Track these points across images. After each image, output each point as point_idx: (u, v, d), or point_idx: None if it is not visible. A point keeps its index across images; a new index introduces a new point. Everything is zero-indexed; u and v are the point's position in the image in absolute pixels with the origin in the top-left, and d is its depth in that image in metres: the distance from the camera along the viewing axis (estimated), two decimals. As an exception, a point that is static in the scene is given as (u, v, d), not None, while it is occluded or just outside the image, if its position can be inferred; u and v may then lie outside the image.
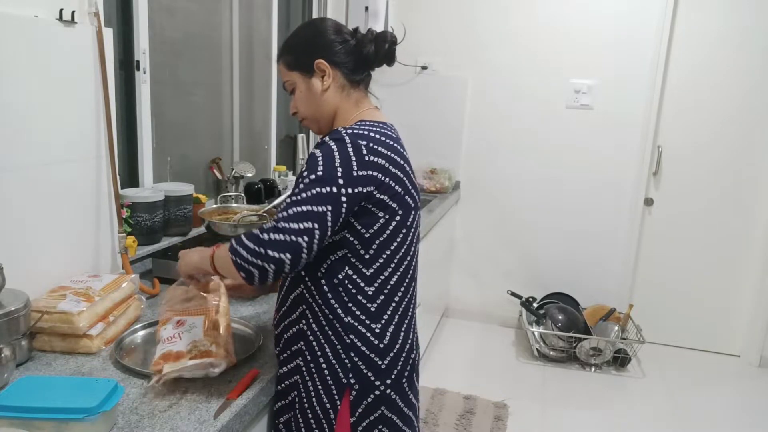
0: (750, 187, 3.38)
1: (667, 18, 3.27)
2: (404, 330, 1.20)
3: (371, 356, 1.14)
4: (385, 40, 1.21)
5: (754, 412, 2.95)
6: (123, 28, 1.86)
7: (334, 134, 1.12)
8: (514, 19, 3.50)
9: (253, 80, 2.77)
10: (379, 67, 1.25)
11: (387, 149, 1.12)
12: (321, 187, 1.04)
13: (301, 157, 3.07)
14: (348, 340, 1.13)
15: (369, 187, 1.09)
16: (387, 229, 1.14)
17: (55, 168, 1.41)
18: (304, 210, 1.02)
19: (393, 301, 1.18)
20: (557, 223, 3.65)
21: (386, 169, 1.11)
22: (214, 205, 2.05)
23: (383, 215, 1.12)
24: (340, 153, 1.07)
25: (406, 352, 1.21)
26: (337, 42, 1.19)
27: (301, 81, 1.21)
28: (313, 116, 1.23)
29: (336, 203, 1.05)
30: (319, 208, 1.03)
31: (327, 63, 1.18)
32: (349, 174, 1.06)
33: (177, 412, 1.02)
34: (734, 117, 3.33)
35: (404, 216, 1.16)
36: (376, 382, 1.15)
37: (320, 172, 1.05)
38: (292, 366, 1.18)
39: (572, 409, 2.87)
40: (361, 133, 1.11)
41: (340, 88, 1.20)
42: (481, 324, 3.85)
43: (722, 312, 3.55)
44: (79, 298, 1.27)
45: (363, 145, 1.09)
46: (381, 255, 1.14)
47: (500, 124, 3.64)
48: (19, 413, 0.91)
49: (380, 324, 1.16)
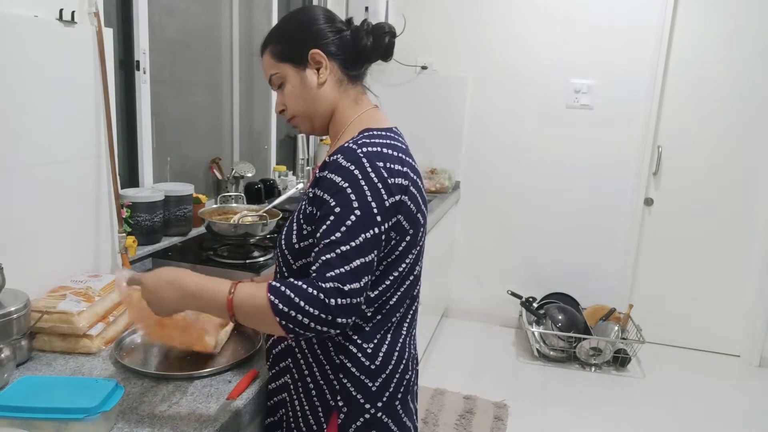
0: (750, 187, 3.38)
1: (667, 18, 3.27)
2: (399, 349, 1.10)
3: (361, 378, 1.05)
4: (383, 33, 1.10)
5: (754, 412, 2.95)
6: (123, 28, 1.86)
7: (349, 155, 0.98)
8: (514, 19, 3.50)
9: (253, 80, 2.77)
10: (375, 61, 1.15)
11: (403, 166, 1.03)
12: (365, 232, 0.94)
13: (301, 157, 3.06)
14: (338, 360, 1.04)
15: (398, 215, 1.01)
16: (396, 251, 1.04)
17: (55, 168, 1.41)
18: (359, 264, 0.92)
19: (390, 321, 1.08)
20: (557, 223, 3.65)
21: (407, 189, 1.02)
22: (214, 205, 2.05)
23: (395, 236, 1.02)
24: (366, 181, 0.96)
25: (400, 372, 1.10)
26: (331, 32, 1.09)
27: (293, 74, 1.09)
28: (305, 114, 1.12)
29: (379, 245, 0.97)
30: (369, 257, 0.94)
31: (323, 53, 1.07)
32: (382, 206, 0.97)
33: (177, 412, 1.02)
34: (734, 117, 3.33)
35: (414, 235, 1.06)
36: (366, 405, 1.05)
37: (358, 212, 0.94)
38: (281, 383, 1.12)
39: (572, 409, 2.87)
40: (376, 151, 1.00)
41: (337, 82, 1.10)
42: (481, 324, 3.85)
43: (722, 312, 3.54)
44: (79, 298, 1.27)
45: (382, 168, 0.98)
46: (387, 277, 1.05)
47: (500, 124, 3.64)
48: (19, 413, 0.90)
49: (372, 344, 1.06)
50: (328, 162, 0.99)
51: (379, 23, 1.13)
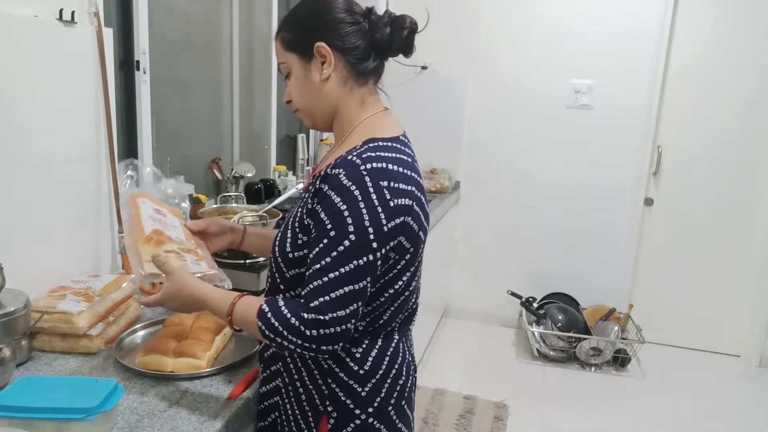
0: (750, 187, 3.38)
1: (667, 17, 3.27)
2: (390, 354, 1.06)
3: (350, 382, 1.02)
4: (404, 26, 1.04)
5: (754, 412, 2.95)
6: (123, 28, 1.86)
7: (351, 171, 0.93)
8: (514, 19, 3.50)
9: (253, 80, 2.77)
10: (393, 56, 1.08)
11: (408, 184, 0.97)
12: (357, 259, 0.92)
13: (301, 157, 3.06)
14: (326, 365, 1.03)
15: (399, 237, 0.97)
16: (394, 269, 1.00)
17: (55, 168, 1.41)
18: (346, 291, 0.91)
19: (384, 329, 1.06)
20: (557, 223, 3.65)
21: (410, 210, 0.97)
22: (214, 205, 2.05)
23: (394, 255, 0.98)
24: (366, 203, 0.92)
25: (392, 377, 1.06)
26: (347, 23, 1.01)
27: (297, 65, 1.04)
28: (307, 109, 1.07)
29: (373, 271, 0.94)
30: (360, 284, 0.92)
31: (329, 47, 1.01)
32: (380, 231, 0.93)
33: (177, 412, 1.02)
34: (734, 117, 3.32)
35: (414, 252, 1.02)
36: (356, 410, 1.03)
37: (352, 237, 0.91)
38: (272, 386, 1.11)
39: (572, 409, 2.87)
40: (381, 168, 0.94)
41: (342, 80, 1.03)
42: (481, 324, 3.85)
43: (722, 312, 3.54)
44: (79, 298, 1.27)
45: (386, 189, 0.93)
46: (383, 294, 1.01)
47: (500, 124, 3.64)
48: (19, 413, 0.90)
49: (362, 348, 1.03)
50: (330, 175, 0.95)
51: (401, 16, 1.06)
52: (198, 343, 1.18)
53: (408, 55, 1.09)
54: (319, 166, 1.12)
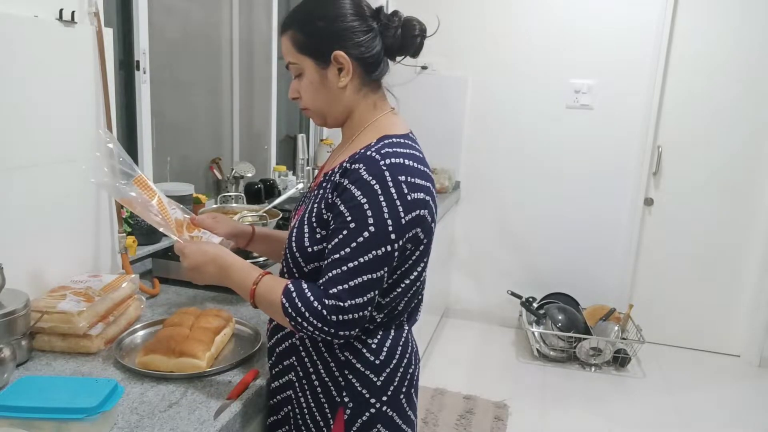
0: (750, 187, 3.38)
1: (667, 18, 3.27)
2: (402, 344, 1.11)
3: (366, 373, 1.06)
4: (414, 31, 1.07)
5: (754, 412, 2.95)
6: (123, 28, 1.87)
7: (372, 167, 0.97)
8: (514, 20, 3.50)
9: (253, 80, 2.77)
10: (401, 57, 1.10)
11: (423, 179, 1.01)
12: (376, 249, 0.95)
13: (301, 157, 3.06)
14: (342, 357, 1.05)
15: (415, 229, 1.00)
16: (410, 260, 1.04)
17: (55, 168, 1.41)
18: (364, 280, 0.95)
19: (397, 319, 1.10)
20: (557, 223, 3.65)
21: (426, 203, 1.01)
22: (214, 205, 2.05)
23: (411, 247, 1.02)
24: (385, 197, 0.96)
25: (404, 366, 1.11)
26: (360, 31, 1.03)
27: (312, 70, 1.05)
28: (320, 110, 1.09)
29: (390, 261, 0.98)
30: (377, 273, 0.96)
31: (347, 56, 1.02)
32: (398, 223, 0.97)
33: (177, 412, 1.02)
34: (734, 117, 3.32)
35: (428, 243, 1.06)
36: (372, 399, 1.06)
37: (372, 228, 0.95)
38: (285, 381, 1.12)
39: (572, 409, 2.87)
40: (399, 163, 0.98)
41: (358, 86, 1.06)
42: (481, 324, 3.85)
43: (722, 312, 3.54)
44: (79, 298, 1.27)
45: (404, 183, 0.97)
46: (399, 285, 1.05)
47: (500, 124, 3.64)
48: (19, 413, 0.90)
49: (376, 339, 1.07)
50: (349, 170, 0.98)
51: (410, 18, 1.08)
52: (198, 343, 1.18)
53: (416, 56, 1.12)
54: (328, 164, 1.14)
